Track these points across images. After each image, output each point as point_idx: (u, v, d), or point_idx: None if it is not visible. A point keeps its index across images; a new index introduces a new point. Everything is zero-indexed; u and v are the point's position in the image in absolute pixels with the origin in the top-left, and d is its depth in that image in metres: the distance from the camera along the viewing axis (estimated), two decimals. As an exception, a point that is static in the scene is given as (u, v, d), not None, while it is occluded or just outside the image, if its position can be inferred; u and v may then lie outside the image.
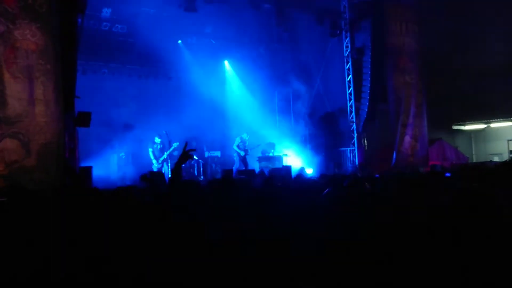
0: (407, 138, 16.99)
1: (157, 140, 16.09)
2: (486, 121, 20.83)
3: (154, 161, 15.95)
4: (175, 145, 16.05)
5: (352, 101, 18.35)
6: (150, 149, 16.07)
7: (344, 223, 3.24)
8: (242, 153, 17.11)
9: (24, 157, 9.67)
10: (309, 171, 16.22)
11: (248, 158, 17.56)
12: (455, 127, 21.33)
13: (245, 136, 17.33)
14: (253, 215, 4.14)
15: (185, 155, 5.20)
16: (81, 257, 3.61)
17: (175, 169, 5.20)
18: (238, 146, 17.17)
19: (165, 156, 16.03)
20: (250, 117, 19.10)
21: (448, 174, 8.11)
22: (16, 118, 9.65)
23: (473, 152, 21.56)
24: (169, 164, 16.42)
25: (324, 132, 19.15)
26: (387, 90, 17.16)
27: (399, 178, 6.40)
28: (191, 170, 17.22)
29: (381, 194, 4.59)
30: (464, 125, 21.29)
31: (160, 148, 16.11)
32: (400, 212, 3.69)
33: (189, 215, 4.20)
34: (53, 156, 10.02)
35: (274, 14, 16.85)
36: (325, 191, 3.67)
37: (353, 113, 18.34)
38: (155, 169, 15.68)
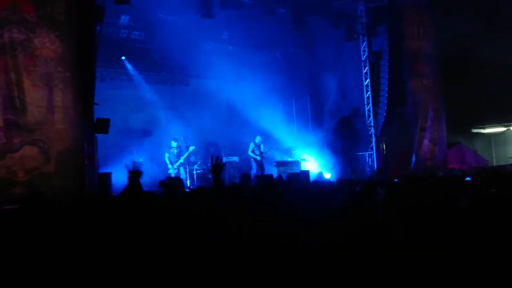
0: (426, 142, 16.91)
1: (173, 144, 16.15)
2: (506, 124, 20.62)
3: (169, 166, 16.03)
4: (191, 149, 16.11)
5: (370, 105, 18.29)
6: (166, 154, 16.15)
7: (351, 230, 3.24)
8: (258, 158, 17.03)
9: (43, 164, 9.79)
10: (327, 176, 16.16)
11: (266, 162, 17.56)
12: (474, 131, 21.15)
13: (257, 140, 17.24)
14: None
15: (216, 167, 5.21)
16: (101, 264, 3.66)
17: (216, 180, 5.23)
18: (253, 151, 17.09)
19: (181, 160, 16.09)
20: (268, 122, 19.10)
21: (468, 178, 8.04)
22: (36, 126, 9.78)
23: (493, 156, 21.34)
24: (187, 169, 16.47)
25: (342, 137, 19.05)
26: (405, 94, 17.08)
27: (415, 182, 6.36)
28: (209, 176, 17.25)
29: (396, 198, 4.57)
30: (483, 128, 21.09)
31: (177, 153, 16.16)
32: (413, 218, 3.68)
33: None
34: (72, 163, 10.13)
35: (290, 19, 16.83)
36: (339, 197, 3.67)
37: (371, 117, 18.27)
38: (172, 175, 15.74)
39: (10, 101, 9.57)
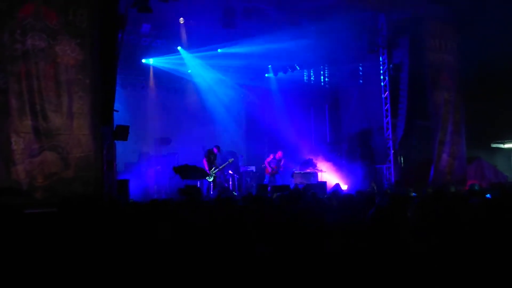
0: (444, 156, 16.74)
1: (213, 151, 16.19)
2: (526, 139, 20.33)
3: (211, 172, 16.02)
4: (230, 161, 16.29)
5: (389, 117, 18.14)
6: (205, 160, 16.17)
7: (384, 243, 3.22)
8: (273, 169, 17.20)
9: (62, 169, 9.89)
10: (344, 188, 16.09)
11: (283, 173, 17.61)
12: (494, 145, 20.88)
13: (277, 155, 17.42)
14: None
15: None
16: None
17: None
18: (269, 163, 17.32)
19: (217, 169, 16.14)
20: (286, 133, 19.10)
21: (489, 196, 7.88)
22: (55, 131, 9.89)
23: (514, 171, 21.04)
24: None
25: (360, 149, 18.97)
26: (427, 107, 16.96)
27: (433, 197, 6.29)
28: (226, 184, 17.27)
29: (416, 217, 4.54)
30: (503, 143, 20.83)
31: (213, 160, 16.17)
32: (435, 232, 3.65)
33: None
34: (91, 168, 10.20)
35: (312, 30, 16.79)
36: (370, 211, 3.66)
37: (390, 129, 18.12)
38: (209, 180, 15.87)
39: (31, 107, 9.69)
